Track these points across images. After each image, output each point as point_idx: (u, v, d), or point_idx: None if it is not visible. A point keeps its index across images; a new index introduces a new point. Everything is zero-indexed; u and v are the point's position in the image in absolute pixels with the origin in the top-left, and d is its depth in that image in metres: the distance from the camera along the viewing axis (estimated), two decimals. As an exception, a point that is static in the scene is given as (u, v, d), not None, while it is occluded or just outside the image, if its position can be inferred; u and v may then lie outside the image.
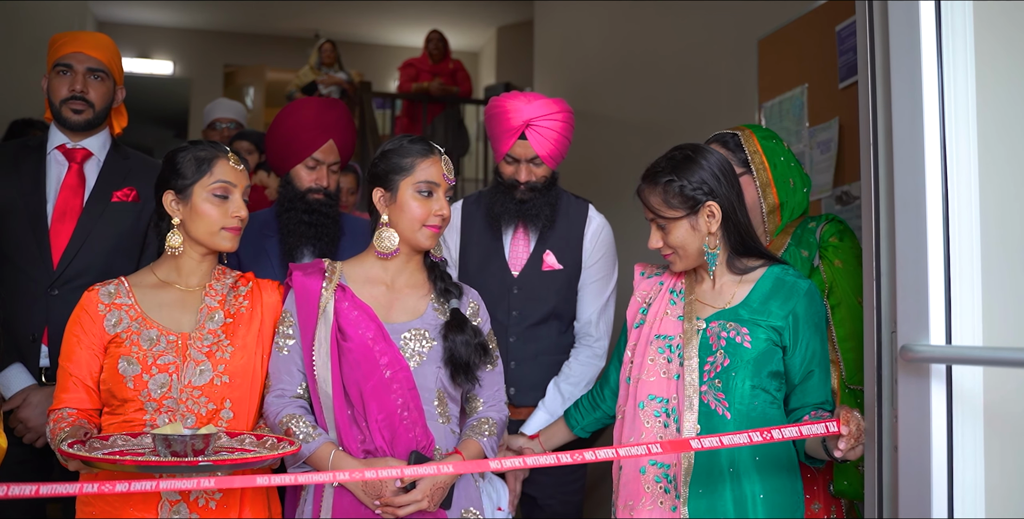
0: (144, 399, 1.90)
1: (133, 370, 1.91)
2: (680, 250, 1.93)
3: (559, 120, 2.43)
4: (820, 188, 3.33)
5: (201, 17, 9.39)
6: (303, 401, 2.03)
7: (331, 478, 1.76)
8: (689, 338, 1.91)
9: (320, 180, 2.47)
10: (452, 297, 2.08)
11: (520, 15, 8.67)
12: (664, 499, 1.88)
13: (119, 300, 1.98)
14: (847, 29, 3.21)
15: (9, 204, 2.43)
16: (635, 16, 5.22)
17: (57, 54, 2.50)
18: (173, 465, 1.61)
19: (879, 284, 1.65)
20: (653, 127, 4.82)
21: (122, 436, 1.81)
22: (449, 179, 2.06)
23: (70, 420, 1.89)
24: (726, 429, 1.85)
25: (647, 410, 1.91)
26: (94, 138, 2.55)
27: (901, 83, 1.58)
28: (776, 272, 1.95)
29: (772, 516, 1.85)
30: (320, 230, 2.46)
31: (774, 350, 1.90)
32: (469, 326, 2.05)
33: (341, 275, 2.07)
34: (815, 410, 1.91)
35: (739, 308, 1.93)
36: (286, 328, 2.04)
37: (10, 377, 2.34)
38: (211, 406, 1.93)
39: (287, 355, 2.03)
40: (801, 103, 3.49)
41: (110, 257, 2.44)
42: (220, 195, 1.98)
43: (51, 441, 1.87)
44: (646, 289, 2.07)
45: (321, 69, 7.57)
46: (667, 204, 1.92)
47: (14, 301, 2.40)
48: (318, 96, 7.31)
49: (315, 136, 2.47)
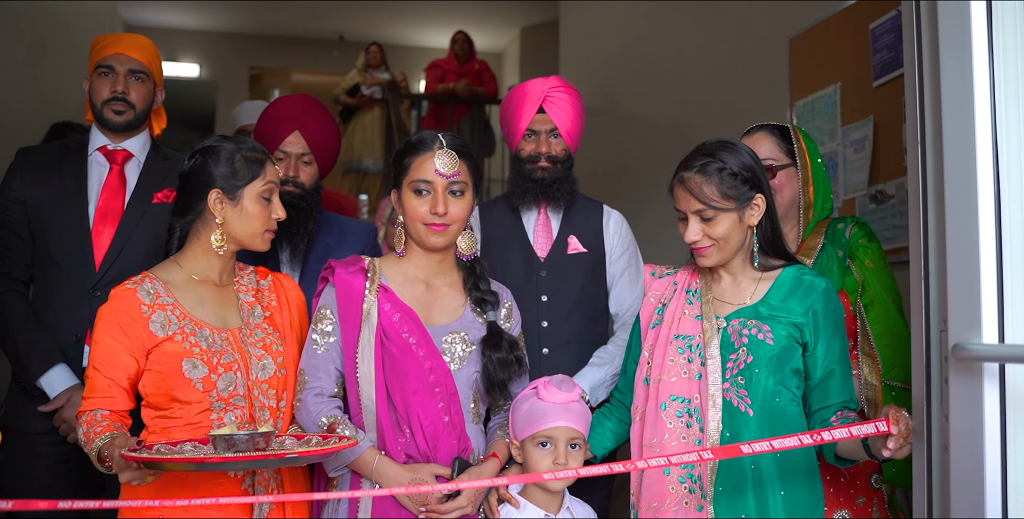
0: (212, 399, 1.89)
1: (200, 372, 1.88)
2: (722, 242, 1.92)
3: (572, 95, 2.59)
4: (854, 187, 3.31)
5: (227, 20, 9.46)
6: (340, 402, 2.02)
7: (387, 491, 1.81)
8: (710, 337, 1.91)
9: (289, 171, 2.44)
10: (489, 307, 2.07)
11: (544, 15, 8.67)
12: (689, 499, 1.88)
13: (160, 300, 1.92)
14: (881, 27, 3.19)
15: (52, 206, 2.46)
16: (662, 15, 5.20)
17: (99, 56, 2.52)
18: (250, 461, 1.62)
19: (927, 282, 1.64)
20: (681, 127, 4.80)
21: (164, 444, 1.76)
22: (443, 173, 2.00)
23: (105, 424, 1.82)
24: (748, 427, 1.86)
25: (669, 410, 1.91)
26: (135, 139, 2.57)
27: (951, 80, 1.57)
28: (794, 271, 1.96)
29: (792, 512, 1.86)
30: (292, 224, 2.38)
31: (795, 347, 1.90)
32: (505, 340, 2.04)
33: (382, 274, 2.07)
34: (841, 410, 1.90)
35: (759, 305, 1.93)
36: (325, 326, 2.02)
37: (54, 377, 2.37)
38: (277, 398, 1.96)
39: (325, 353, 2.01)
40: (834, 102, 3.47)
41: (151, 258, 2.42)
42: (268, 198, 1.99)
43: (85, 445, 1.80)
44: (659, 289, 2.06)
45: (367, 71, 7.60)
46: (723, 194, 1.90)
47: (58, 302, 2.43)
48: (360, 97, 7.37)
49: (280, 129, 2.45)
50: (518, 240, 2.59)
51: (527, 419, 1.95)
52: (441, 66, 7.65)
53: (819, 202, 2.30)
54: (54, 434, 2.39)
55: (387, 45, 9.14)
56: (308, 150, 2.46)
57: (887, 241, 3.06)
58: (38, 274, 2.48)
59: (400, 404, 1.97)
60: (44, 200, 2.46)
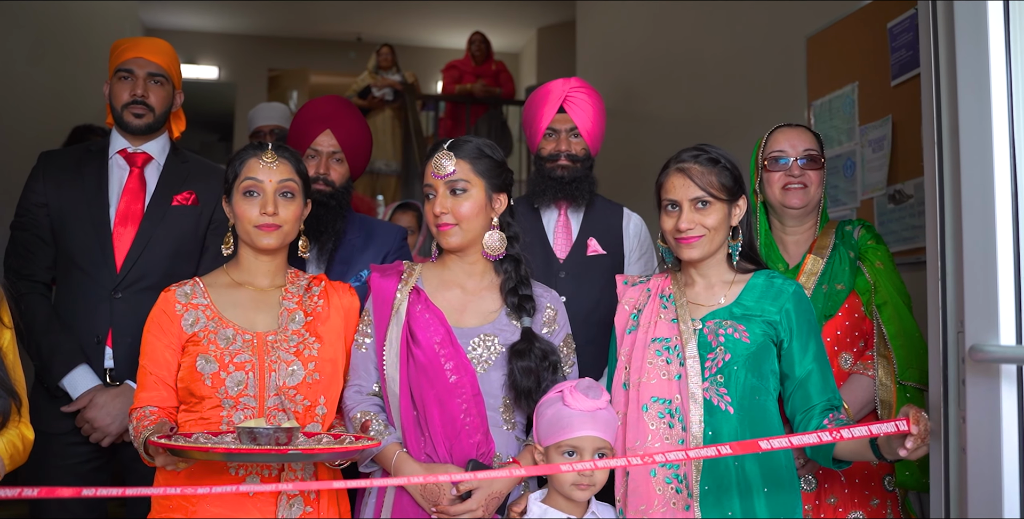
0: (221, 396, 1.94)
1: (211, 368, 1.95)
2: (712, 233, 1.95)
3: (592, 96, 2.62)
4: (872, 187, 3.30)
5: (245, 22, 9.52)
6: (378, 399, 2.07)
7: (396, 482, 1.82)
8: (687, 339, 1.94)
9: (319, 168, 2.48)
10: (524, 314, 2.06)
11: (561, 16, 8.67)
12: (676, 499, 1.89)
13: (195, 300, 2.02)
14: (899, 26, 3.18)
15: (74, 209, 2.49)
16: (679, 15, 5.20)
17: (119, 60, 2.55)
18: (263, 453, 1.66)
19: (944, 283, 1.63)
20: (698, 127, 4.79)
21: (204, 434, 1.85)
22: (437, 174, 2.03)
23: (152, 418, 1.93)
24: (729, 424, 1.88)
25: (651, 412, 1.93)
26: (154, 142, 2.60)
27: (967, 80, 1.57)
28: (764, 275, 2.01)
29: (775, 512, 1.88)
30: (320, 222, 2.42)
31: (770, 346, 1.94)
32: (537, 348, 2.01)
33: (419, 278, 2.10)
34: (828, 410, 1.92)
35: (732, 307, 1.97)
36: (365, 327, 2.08)
37: (76, 378, 2.40)
38: (306, 403, 1.98)
39: (365, 353, 2.07)
40: (852, 101, 3.46)
41: (171, 260, 2.49)
42: (248, 193, 2.01)
43: (135, 439, 1.91)
44: (633, 296, 2.08)
45: (378, 72, 7.62)
46: (721, 185, 1.95)
47: (79, 304, 2.46)
48: (371, 99, 7.39)
49: (312, 128, 2.51)
50: (538, 241, 2.60)
51: (552, 426, 1.91)
52: (458, 67, 7.67)
53: (826, 205, 2.38)
54: (76, 434, 2.42)
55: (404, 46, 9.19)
56: (339, 148, 2.51)
57: (906, 241, 3.04)
58: (60, 276, 2.52)
59: (420, 404, 2.00)
60: (66, 203, 2.49)
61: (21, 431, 1.68)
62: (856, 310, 2.27)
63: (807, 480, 2.19)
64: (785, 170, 2.30)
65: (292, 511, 1.93)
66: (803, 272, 2.28)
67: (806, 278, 2.26)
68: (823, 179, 2.33)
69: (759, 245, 2.27)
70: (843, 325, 2.27)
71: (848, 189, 3.42)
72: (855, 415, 2.21)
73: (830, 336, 2.26)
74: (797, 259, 2.33)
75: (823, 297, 2.25)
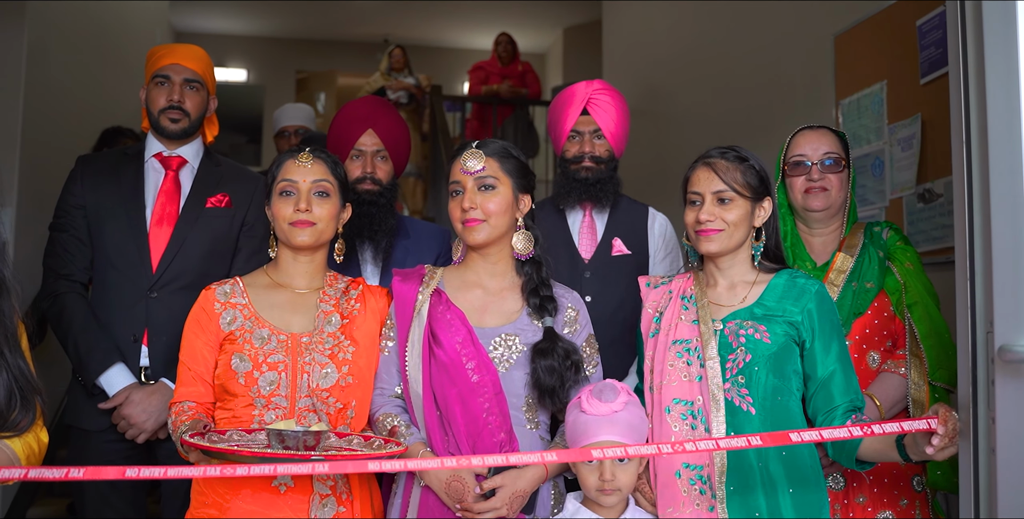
0: (254, 395, 1.98)
1: (244, 367, 1.98)
2: (731, 228, 1.96)
3: (615, 97, 2.65)
4: (902, 186, 3.28)
5: (273, 24, 9.61)
6: (400, 401, 2.09)
7: (427, 465, 1.79)
8: (707, 340, 1.94)
9: (366, 168, 2.51)
10: (546, 314, 2.08)
11: (587, 16, 8.67)
12: (701, 501, 1.90)
13: (234, 299, 2.06)
14: (929, 23, 3.16)
15: (111, 210, 2.54)
16: (706, 14, 5.19)
17: (155, 66, 2.61)
18: (287, 458, 1.67)
19: (973, 283, 1.63)
20: (725, 127, 4.79)
21: (238, 431, 1.89)
22: (467, 170, 2.06)
23: (190, 413, 1.98)
24: (752, 425, 1.88)
25: (673, 414, 1.94)
26: (189, 146, 2.65)
27: (996, 79, 1.57)
28: (787, 274, 2.01)
29: (801, 512, 1.88)
30: (373, 221, 2.48)
31: (792, 347, 1.94)
32: (560, 348, 2.02)
33: (440, 281, 2.13)
34: (851, 411, 1.92)
35: (754, 307, 1.97)
36: (388, 330, 2.11)
37: (112, 376, 2.45)
38: (339, 405, 2.01)
39: (388, 356, 2.10)
40: (880, 100, 3.44)
41: (205, 261, 2.53)
42: (284, 193, 2.06)
43: (173, 433, 1.99)
44: (655, 299, 2.09)
45: (391, 74, 7.65)
46: (745, 183, 1.96)
47: (116, 303, 2.51)
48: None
49: (353, 129, 2.54)
50: (563, 241, 2.62)
51: (572, 432, 1.92)
52: (485, 68, 7.68)
53: (854, 205, 2.37)
54: (113, 432, 2.47)
55: (430, 47, 9.23)
56: (382, 147, 2.54)
57: (936, 240, 3.03)
58: (97, 276, 2.57)
59: (443, 403, 2.02)
60: (103, 205, 2.55)
61: (37, 434, 1.70)
62: (885, 309, 2.27)
63: (835, 479, 2.19)
64: (805, 174, 2.30)
65: (325, 511, 1.95)
66: (832, 269, 2.28)
67: (836, 275, 2.26)
68: (846, 181, 2.32)
69: (786, 246, 2.28)
70: (872, 324, 2.27)
71: (876, 188, 3.41)
72: (886, 413, 2.20)
73: (858, 334, 2.26)
74: (824, 258, 2.33)
75: (852, 295, 2.25)
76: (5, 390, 1.61)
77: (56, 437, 2.66)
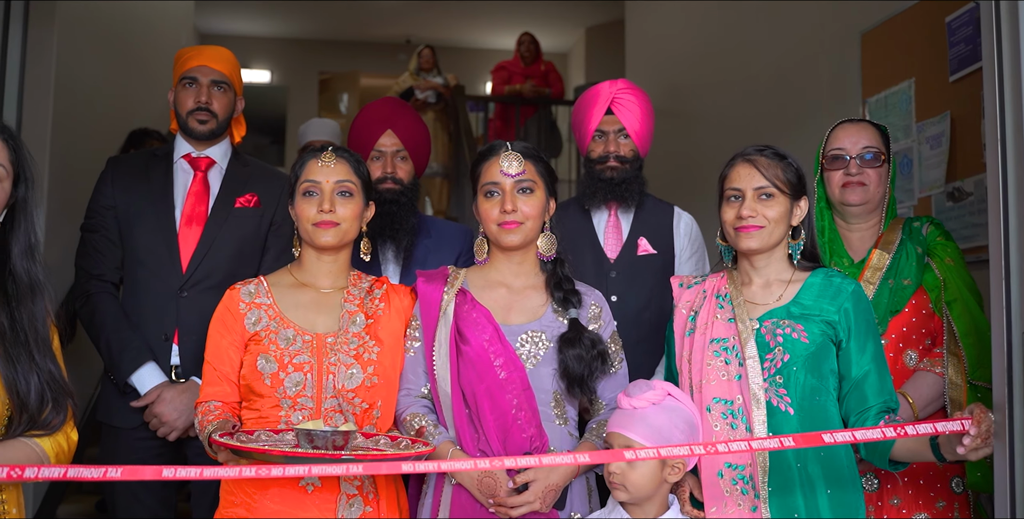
0: (280, 396, 1.98)
1: (270, 368, 1.99)
2: (772, 225, 1.95)
3: (639, 97, 2.65)
4: (930, 184, 3.25)
5: (296, 26, 9.67)
6: (427, 401, 2.11)
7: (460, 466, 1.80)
8: (746, 338, 1.93)
9: (386, 168, 2.54)
10: (571, 306, 2.10)
11: (609, 15, 8.65)
12: (743, 500, 1.90)
13: (259, 299, 2.07)
14: (958, 20, 3.13)
15: (141, 211, 2.57)
16: (730, 12, 5.16)
17: (183, 68, 2.63)
18: (317, 457, 1.68)
19: (1008, 282, 1.62)
20: (751, 125, 4.76)
21: (265, 432, 1.90)
22: (508, 173, 2.08)
23: (217, 413, 1.99)
24: (790, 426, 1.87)
25: (713, 413, 1.94)
26: (217, 147, 2.67)
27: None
28: (822, 273, 1.99)
29: (838, 512, 1.87)
30: (394, 220, 2.50)
31: (830, 346, 1.92)
32: (586, 337, 2.05)
33: (464, 281, 2.15)
34: (884, 412, 1.90)
35: (790, 306, 1.96)
36: (413, 331, 2.13)
37: (144, 375, 2.47)
38: (364, 405, 2.01)
39: (413, 356, 2.12)
40: (908, 97, 3.41)
41: (234, 260, 2.55)
42: (307, 193, 2.07)
43: (200, 432, 2.00)
44: (689, 299, 2.08)
45: (420, 74, 7.67)
46: (785, 180, 1.96)
47: (147, 303, 2.54)
48: (414, 101, 7.45)
49: (373, 129, 2.57)
50: (588, 241, 2.62)
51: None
52: (507, 68, 7.69)
53: (893, 200, 2.34)
54: (144, 429, 2.49)
55: (453, 48, 9.24)
56: (402, 147, 2.57)
57: (965, 240, 3.00)
58: (127, 276, 2.60)
59: (472, 401, 2.03)
60: (133, 205, 2.58)
61: (67, 433, 1.72)
62: (924, 307, 2.24)
63: (869, 480, 2.17)
64: (843, 168, 2.29)
65: (352, 511, 1.95)
66: (868, 267, 2.26)
67: (871, 273, 2.24)
68: (886, 176, 2.30)
69: (823, 241, 2.26)
70: (909, 321, 2.24)
71: (905, 187, 3.38)
72: (920, 412, 2.18)
73: (895, 332, 2.23)
74: (862, 254, 2.31)
75: (889, 292, 2.23)
76: (36, 393, 1.63)
77: (85, 434, 2.69)
